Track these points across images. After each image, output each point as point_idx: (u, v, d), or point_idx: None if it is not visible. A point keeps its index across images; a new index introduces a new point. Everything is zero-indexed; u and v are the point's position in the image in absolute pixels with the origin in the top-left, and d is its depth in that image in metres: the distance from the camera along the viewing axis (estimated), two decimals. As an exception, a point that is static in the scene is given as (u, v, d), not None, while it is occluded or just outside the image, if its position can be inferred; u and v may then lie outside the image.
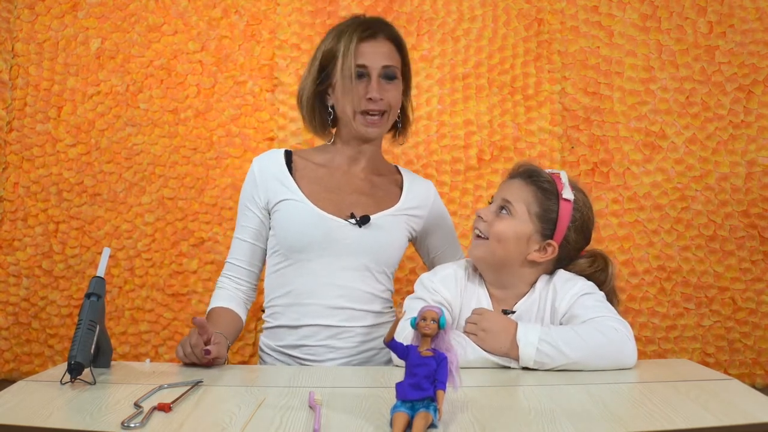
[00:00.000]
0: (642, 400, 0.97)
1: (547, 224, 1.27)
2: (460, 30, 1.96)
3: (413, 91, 1.92)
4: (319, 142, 1.59)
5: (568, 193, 1.27)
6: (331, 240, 1.39)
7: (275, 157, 1.49)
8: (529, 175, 1.30)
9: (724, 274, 1.91)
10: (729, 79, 1.94)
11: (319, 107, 1.49)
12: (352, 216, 1.41)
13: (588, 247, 1.35)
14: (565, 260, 1.31)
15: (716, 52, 1.95)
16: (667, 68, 1.95)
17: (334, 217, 1.41)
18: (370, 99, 1.40)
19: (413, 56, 1.94)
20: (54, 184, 1.88)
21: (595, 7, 1.97)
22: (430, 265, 1.61)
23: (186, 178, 1.90)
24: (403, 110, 1.53)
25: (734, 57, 1.94)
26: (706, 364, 1.76)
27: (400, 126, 1.53)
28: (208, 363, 1.20)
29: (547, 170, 1.33)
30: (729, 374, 1.78)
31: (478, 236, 1.30)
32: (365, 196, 1.47)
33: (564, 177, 1.30)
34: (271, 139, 1.91)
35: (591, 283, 1.28)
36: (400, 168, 1.59)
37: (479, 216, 1.31)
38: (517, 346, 1.14)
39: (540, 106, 1.94)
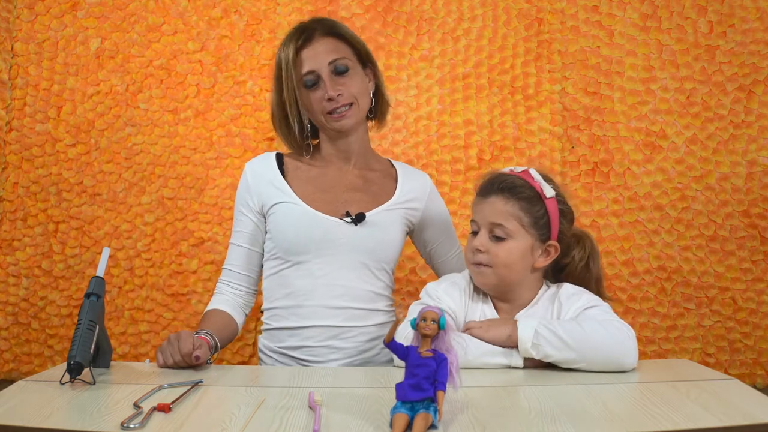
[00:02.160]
0: (642, 400, 0.97)
1: (542, 229, 1.26)
2: (460, 30, 1.96)
3: (413, 91, 1.93)
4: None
5: (548, 191, 1.26)
6: (328, 240, 1.39)
7: (267, 160, 1.48)
8: (506, 189, 1.26)
9: (725, 274, 1.90)
10: (729, 78, 1.94)
11: (292, 123, 1.45)
12: (348, 214, 1.41)
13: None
14: (562, 247, 1.30)
15: (717, 51, 1.95)
16: (668, 68, 1.95)
17: (330, 217, 1.40)
18: (330, 99, 1.39)
19: (413, 56, 1.94)
20: (54, 184, 1.88)
21: (595, 6, 1.97)
22: (427, 258, 1.60)
23: (186, 178, 1.90)
24: (379, 94, 1.50)
25: (735, 57, 1.94)
26: (707, 364, 1.76)
27: (375, 112, 1.51)
28: (192, 364, 1.19)
29: (508, 169, 1.30)
30: (729, 374, 1.78)
31: (481, 264, 1.26)
32: (360, 193, 1.46)
33: (535, 174, 1.27)
34: (271, 139, 1.91)
35: (597, 297, 1.26)
36: (393, 161, 1.57)
37: (477, 249, 1.26)
38: (517, 328, 1.16)
39: (540, 106, 1.94)
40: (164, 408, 0.89)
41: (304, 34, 1.41)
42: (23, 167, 1.89)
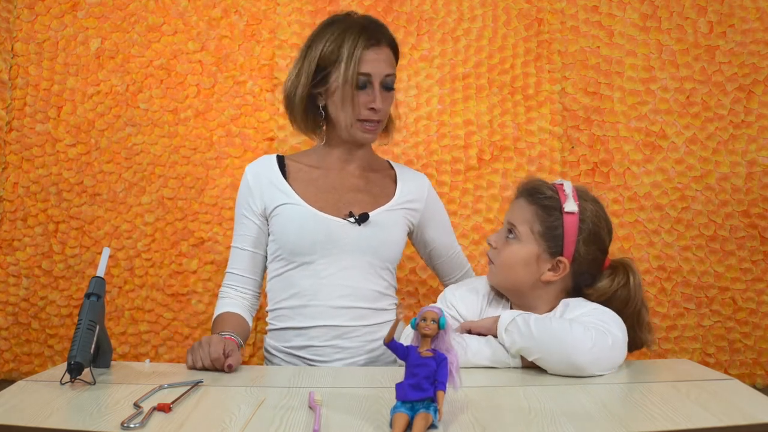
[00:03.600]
0: (642, 400, 0.97)
1: (553, 241, 1.23)
2: (460, 30, 1.96)
3: (413, 91, 1.94)
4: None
5: (570, 206, 1.22)
6: (332, 240, 1.39)
7: (268, 162, 1.48)
8: (530, 193, 1.26)
9: (725, 274, 1.90)
10: (729, 78, 1.94)
11: (311, 108, 1.46)
12: (351, 215, 1.41)
13: (611, 256, 1.29)
14: (586, 275, 1.26)
15: (716, 51, 1.95)
16: (668, 68, 1.95)
17: (333, 217, 1.41)
18: (372, 109, 1.39)
19: (413, 56, 1.95)
20: (54, 184, 1.88)
21: (595, 6, 1.97)
22: (426, 259, 1.61)
23: (186, 178, 1.90)
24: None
25: (735, 57, 1.94)
26: (707, 364, 1.76)
27: (386, 127, 1.53)
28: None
29: (556, 181, 1.28)
30: (729, 374, 1.78)
31: (491, 262, 1.29)
32: (362, 193, 1.47)
33: (568, 188, 1.25)
34: (271, 139, 1.91)
35: (603, 309, 1.21)
36: (392, 163, 1.58)
37: (489, 243, 1.30)
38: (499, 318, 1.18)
39: (540, 106, 1.94)
40: (164, 408, 0.89)
41: (374, 37, 1.40)
42: (23, 167, 1.89)
